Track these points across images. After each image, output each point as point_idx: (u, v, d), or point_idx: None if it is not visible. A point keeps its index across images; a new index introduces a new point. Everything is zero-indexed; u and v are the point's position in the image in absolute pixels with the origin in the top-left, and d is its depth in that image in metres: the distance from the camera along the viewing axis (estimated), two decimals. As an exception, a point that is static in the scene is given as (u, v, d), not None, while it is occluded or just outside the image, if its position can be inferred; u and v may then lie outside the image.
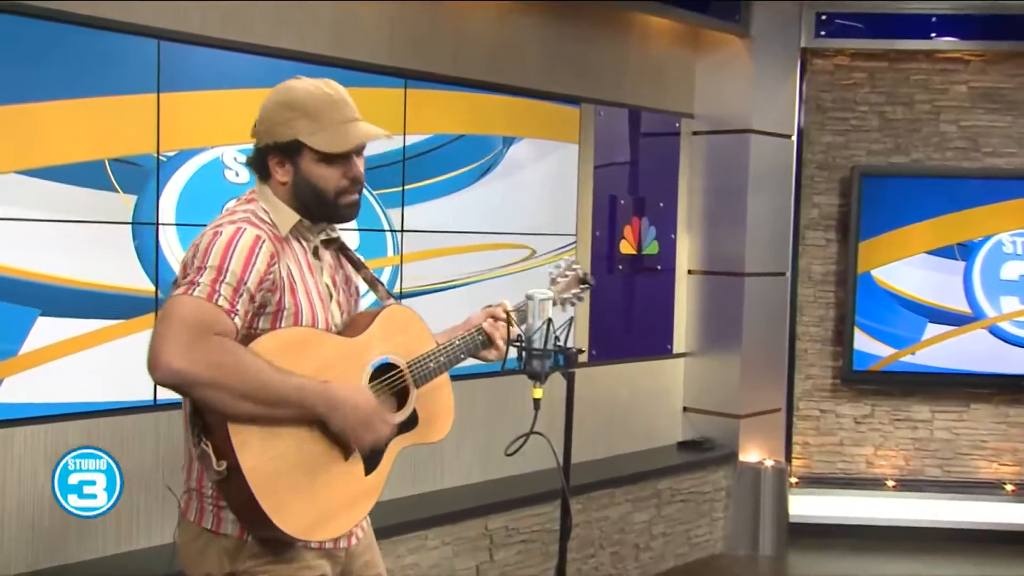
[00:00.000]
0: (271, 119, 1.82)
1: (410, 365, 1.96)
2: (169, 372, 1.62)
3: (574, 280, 2.28)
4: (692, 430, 4.98)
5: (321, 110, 1.80)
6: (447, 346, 2.02)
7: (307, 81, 1.86)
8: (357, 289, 2.05)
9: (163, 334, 1.63)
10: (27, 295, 2.85)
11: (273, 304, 1.79)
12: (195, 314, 1.65)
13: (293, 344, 1.78)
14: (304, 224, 1.87)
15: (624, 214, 4.68)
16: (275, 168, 1.83)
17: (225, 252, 1.71)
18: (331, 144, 1.81)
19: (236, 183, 3.29)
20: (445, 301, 3.90)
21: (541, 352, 1.97)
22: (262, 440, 1.70)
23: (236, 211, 1.84)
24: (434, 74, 3.86)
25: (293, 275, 1.82)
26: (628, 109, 4.64)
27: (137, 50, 3.05)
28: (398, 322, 1.97)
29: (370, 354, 1.89)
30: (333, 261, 1.97)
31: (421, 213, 3.86)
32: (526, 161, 4.23)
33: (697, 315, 4.98)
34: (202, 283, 1.68)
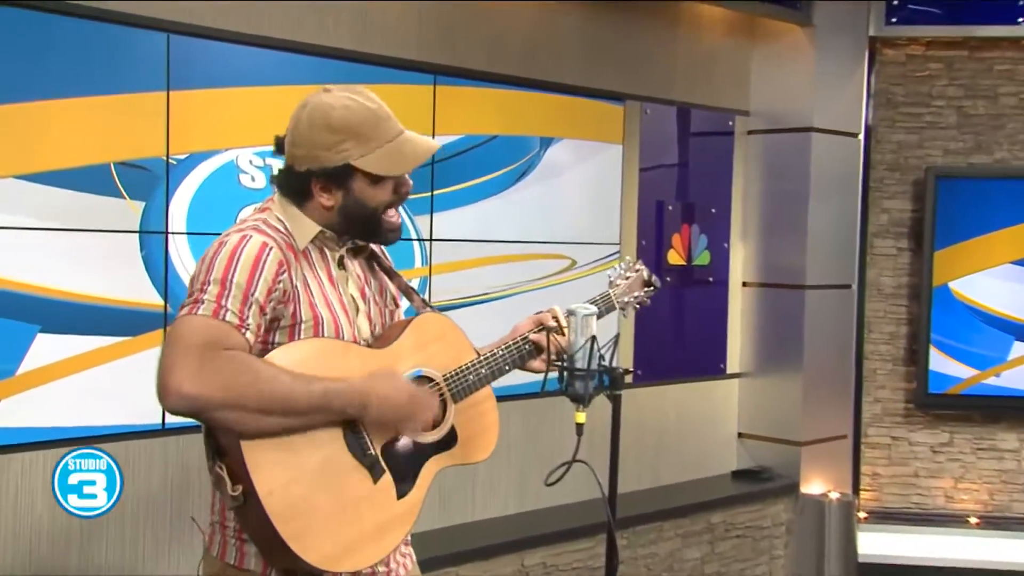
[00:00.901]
0: (313, 143, 1.81)
1: (447, 378, 1.95)
2: (180, 398, 1.62)
3: (638, 282, 2.27)
4: (748, 458, 4.96)
5: (369, 130, 1.82)
6: (489, 357, 2.02)
7: (340, 96, 1.84)
8: (394, 299, 2.04)
9: (170, 359, 1.64)
10: (25, 310, 2.85)
11: (288, 317, 1.78)
12: (202, 334, 1.65)
13: (311, 356, 1.77)
14: (326, 234, 1.86)
15: (672, 221, 4.65)
16: (319, 193, 1.84)
17: (229, 263, 1.71)
18: (388, 166, 1.84)
19: (252, 188, 3.28)
20: (477, 316, 3.88)
21: (584, 372, 1.93)
22: (280, 461, 1.70)
23: (246, 220, 1.85)
24: (465, 69, 3.85)
25: (310, 285, 1.82)
26: (677, 106, 4.62)
27: (145, 44, 3.05)
28: (432, 331, 1.97)
29: (400, 366, 1.88)
30: (362, 271, 1.97)
31: (451, 221, 3.84)
32: (565, 164, 4.21)
33: (753, 332, 4.95)
34: (207, 300, 1.68)
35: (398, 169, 1.84)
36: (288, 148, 1.86)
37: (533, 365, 2.09)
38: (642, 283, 2.28)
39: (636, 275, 2.28)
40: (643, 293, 2.28)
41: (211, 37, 3.18)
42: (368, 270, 1.99)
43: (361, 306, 1.91)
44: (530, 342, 2.06)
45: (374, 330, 1.93)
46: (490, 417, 2.03)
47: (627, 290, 2.26)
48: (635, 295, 2.27)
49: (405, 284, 2.07)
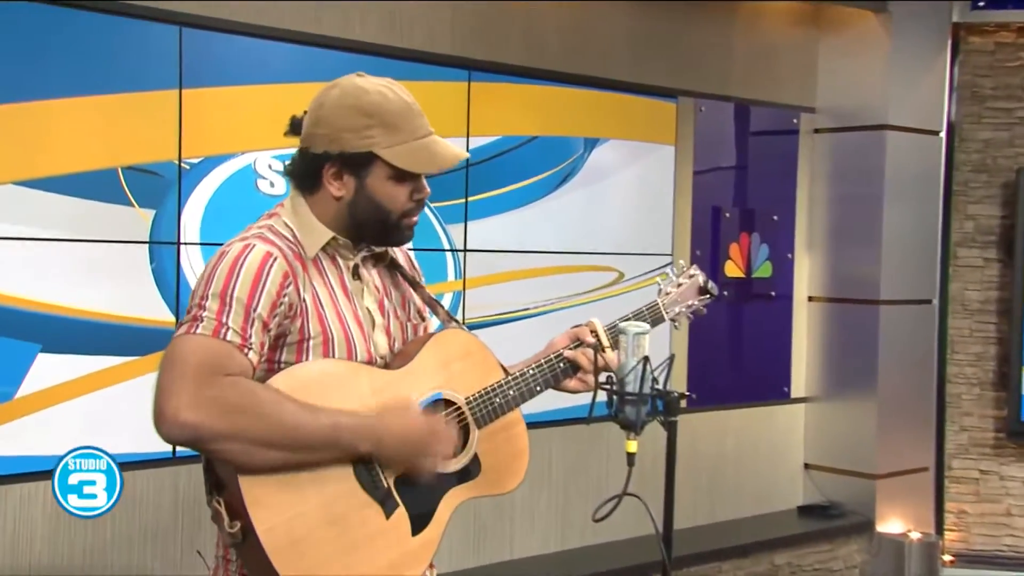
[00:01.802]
0: (338, 124, 1.80)
1: (470, 401, 1.92)
2: (177, 426, 1.60)
3: (691, 289, 2.22)
4: (816, 492, 4.90)
5: (401, 121, 1.81)
6: (518, 377, 1.98)
7: (375, 82, 1.85)
8: (420, 312, 2.01)
9: (167, 383, 1.62)
10: (25, 328, 2.86)
11: (295, 333, 1.76)
12: (201, 355, 1.64)
13: (317, 380, 1.75)
14: (339, 241, 1.85)
15: (730, 229, 4.62)
16: (330, 180, 1.82)
17: (229, 276, 1.70)
18: (414, 162, 1.82)
19: (271, 194, 3.28)
20: (514, 334, 3.86)
21: (636, 397, 1.88)
22: (282, 495, 1.68)
23: (251, 227, 1.84)
24: (503, 64, 3.84)
25: (320, 298, 1.80)
26: (735, 103, 4.59)
27: (155, 39, 3.06)
28: (455, 348, 1.94)
29: (417, 388, 1.85)
30: (382, 281, 1.95)
31: (487, 229, 3.83)
32: (612, 167, 4.19)
33: (820, 352, 4.90)
34: (206, 317, 1.67)
35: (422, 167, 1.82)
36: (307, 128, 1.84)
37: (569, 385, 2.06)
38: (697, 290, 2.22)
39: (690, 281, 2.22)
40: (698, 302, 2.22)
41: (227, 31, 3.19)
42: (389, 280, 1.97)
43: (378, 320, 1.89)
44: (565, 359, 2.03)
45: (393, 346, 1.91)
46: (519, 443, 2.00)
47: (679, 299, 2.21)
48: (688, 304, 2.21)
49: (429, 296, 2.04)
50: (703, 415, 4.47)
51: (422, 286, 2.04)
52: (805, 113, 4.84)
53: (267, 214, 1.88)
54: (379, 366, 1.86)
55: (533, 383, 1.99)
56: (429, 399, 1.86)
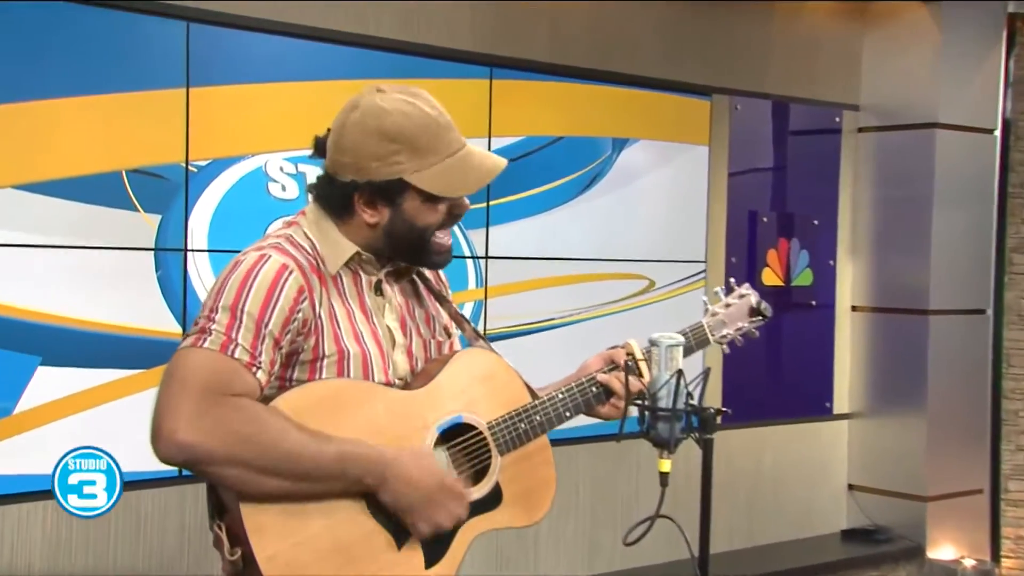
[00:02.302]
0: (362, 152, 1.79)
1: (492, 426, 1.90)
2: (174, 446, 1.60)
3: (742, 309, 2.22)
4: (861, 515, 4.86)
5: (428, 141, 1.79)
6: (545, 401, 1.97)
7: (396, 98, 1.81)
8: (445, 330, 2.00)
9: (167, 400, 1.62)
10: (24, 339, 2.86)
11: (309, 351, 1.76)
12: (206, 372, 1.63)
13: (328, 401, 1.74)
14: (363, 256, 1.84)
15: (768, 235, 4.61)
16: (363, 208, 1.82)
17: (241, 288, 1.69)
18: (447, 186, 1.81)
19: (283, 199, 3.29)
20: (538, 346, 3.86)
21: (670, 413, 1.86)
22: (285, 522, 1.67)
23: (269, 236, 1.83)
24: (526, 61, 3.84)
25: (337, 315, 1.79)
26: (773, 100, 4.58)
27: (161, 34, 3.07)
28: (478, 369, 1.93)
29: (437, 411, 1.84)
30: (406, 298, 1.94)
31: (510, 235, 3.82)
32: (642, 168, 4.18)
33: (865, 365, 4.87)
34: (215, 331, 1.66)
35: (457, 189, 1.82)
36: (331, 154, 1.82)
37: (602, 411, 2.05)
38: (748, 311, 2.22)
39: (740, 302, 2.22)
40: (749, 324, 2.22)
41: (236, 26, 3.20)
42: (412, 296, 1.96)
43: (399, 339, 1.88)
44: (597, 383, 2.01)
45: (414, 367, 1.90)
46: (543, 472, 1.98)
47: (727, 320, 2.20)
48: (738, 326, 2.21)
49: (456, 312, 2.03)
50: (740, 432, 4.44)
51: (449, 301, 2.02)
52: (848, 111, 4.81)
53: (286, 222, 1.87)
54: (398, 387, 1.84)
55: (562, 408, 1.97)
56: (448, 422, 1.84)
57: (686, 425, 1.88)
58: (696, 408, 1.89)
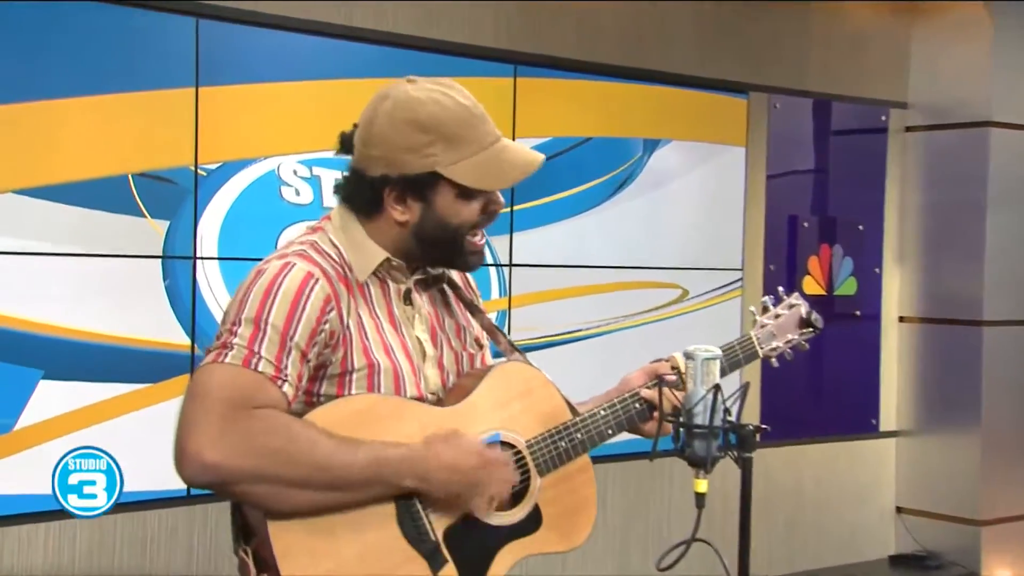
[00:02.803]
0: (394, 143, 1.78)
1: (531, 444, 1.90)
2: (200, 467, 1.60)
3: (792, 321, 2.19)
4: (910, 539, 4.83)
5: (464, 132, 1.79)
6: (587, 418, 1.96)
7: (429, 89, 1.82)
8: (477, 341, 1.99)
9: (189, 419, 1.62)
10: (26, 352, 2.88)
11: (336, 364, 1.75)
12: (229, 388, 1.63)
13: (360, 417, 1.73)
14: (392, 263, 1.84)
15: (809, 241, 4.60)
16: (392, 205, 1.81)
17: (265, 298, 1.69)
18: (483, 179, 1.81)
19: (296, 203, 3.30)
20: (565, 358, 3.85)
21: (706, 430, 1.85)
22: (315, 544, 1.67)
23: (293, 242, 1.82)
24: (552, 58, 3.84)
25: (365, 326, 1.78)
26: (814, 98, 4.57)
27: (169, 32, 3.09)
28: (516, 384, 1.92)
29: (473, 429, 1.82)
30: (435, 307, 1.94)
31: (535, 242, 3.82)
32: (675, 171, 4.17)
33: (914, 379, 4.86)
34: (236, 344, 1.66)
35: (494, 183, 1.81)
36: (360, 148, 1.82)
37: (645, 428, 2.03)
38: (798, 322, 2.18)
39: (790, 312, 2.19)
40: (799, 336, 2.19)
41: (247, 22, 3.21)
42: (442, 305, 1.96)
43: (430, 351, 1.87)
44: (641, 399, 2.00)
45: (446, 381, 1.89)
46: (584, 493, 1.97)
47: (777, 331, 2.17)
48: (788, 338, 2.18)
49: (489, 322, 2.02)
50: (779, 450, 4.43)
51: (481, 310, 2.02)
52: (895, 109, 4.80)
53: (311, 228, 1.87)
54: (430, 403, 1.84)
55: (604, 425, 1.96)
56: (485, 441, 1.83)
57: (723, 443, 1.86)
58: (734, 425, 1.86)
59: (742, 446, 1.87)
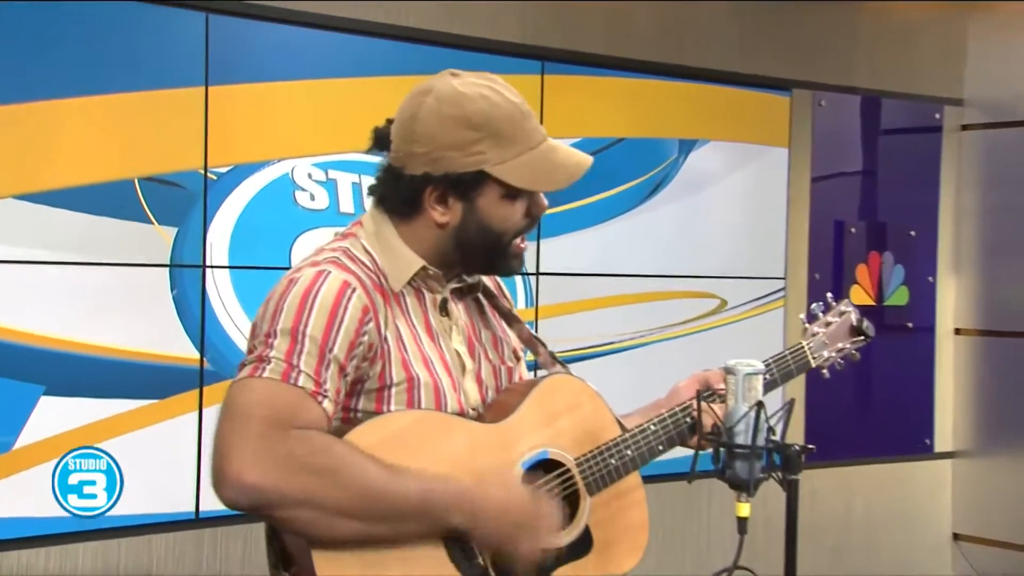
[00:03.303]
0: (439, 140, 1.79)
1: (580, 462, 1.90)
2: (240, 489, 1.59)
3: (843, 329, 2.23)
4: (968, 568, 4.81)
5: (513, 130, 1.80)
6: (637, 433, 1.97)
7: (475, 83, 1.83)
8: (514, 354, 2.01)
9: (227, 437, 1.61)
10: (26, 367, 2.89)
11: (374, 378, 1.75)
12: (268, 405, 1.63)
13: (407, 435, 1.73)
14: (429, 271, 1.85)
15: (856, 247, 4.59)
16: (432, 205, 1.82)
17: (300, 309, 1.69)
18: (533, 179, 1.82)
19: (312, 209, 3.31)
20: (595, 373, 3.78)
21: (749, 450, 1.85)
22: (362, 573, 1.67)
23: (324, 249, 1.83)
24: (582, 54, 3.84)
25: (403, 337, 1.79)
26: (862, 95, 4.56)
27: (177, 27, 3.10)
28: (563, 398, 1.94)
29: (520, 446, 1.84)
30: (471, 318, 1.95)
31: (564, 249, 3.82)
32: (713, 173, 4.17)
33: (971, 396, 4.84)
34: (274, 358, 1.66)
35: (543, 183, 1.83)
36: (399, 145, 1.83)
37: (692, 442, 2.04)
38: (849, 331, 2.23)
39: (840, 320, 2.23)
40: (850, 345, 2.23)
41: (260, 17, 3.22)
42: (478, 315, 1.98)
43: (468, 364, 1.89)
44: (692, 413, 2.02)
45: (485, 396, 1.91)
46: (636, 513, 1.99)
47: (828, 341, 2.21)
48: (839, 347, 2.21)
49: (529, 333, 2.04)
50: (826, 472, 4.41)
51: (519, 320, 2.03)
52: (950, 106, 4.78)
53: (342, 234, 1.88)
54: (471, 418, 1.85)
55: (655, 441, 1.98)
56: (533, 459, 1.84)
57: (767, 464, 1.87)
58: (778, 445, 1.87)
59: (787, 467, 1.87)
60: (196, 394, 3.11)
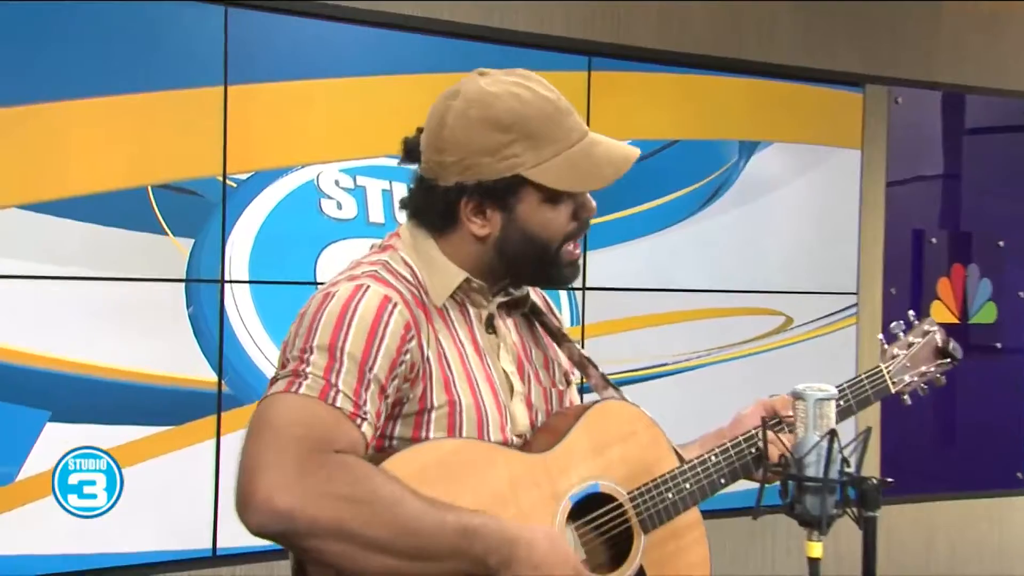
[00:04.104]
0: (469, 146, 1.79)
1: (634, 496, 1.90)
2: (270, 513, 1.58)
3: (926, 351, 2.21)
4: (1067, 616, 4.75)
5: (547, 128, 1.80)
6: (696, 465, 1.97)
7: (505, 81, 1.83)
8: (566, 376, 2.01)
9: (257, 455, 1.60)
10: (30, 390, 2.91)
11: (415, 401, 1.76)
12: (306, 425, 1.62)
13: (445, 465, 1.73)
14: (472, 284, 1.85)
15: (938, 260, 4.58)
16: (470, 217, 1.83)
17: (339, 324, 1.69)
18: (574, 179, 1.82)
19: (338, 218, 3.32)
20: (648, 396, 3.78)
21: (820, 483, 1.83)
22: None
23: (361, 262, 1.83)
24: (633, 48, 3.85)
25: (447, 356, 1.80)
26: (943, 91, 4.54)
27: (194, 21, 3.13)
28: (615, 426, 1.93)
29: (568, 478, 1.83)
30: (521, 336, 1.95)
31: (613, 262, 3.83)
32: (777, 178, 4.17)
33: None
34: (311, 374, 1.65)
35: (586, 183, 1.82)
36: (428, 155, 1.83)
37: (757, 475, 2.02)
38: (934, 352, 2.21)
39: (924, 340, 2.21)
40: (935, 368, 2.20)
41: (283, 11, 3.24)
42: (528, 333, 1.98)
43: (518, 386, 1.89)
44: (758, 441, 2.01)
45: (535, 421, 1.90)
46: (696, 553, 1.98)
47: (910, 364, 2.19)
48: (922, 371, 2.19)
49: (580, 354, 2.03)
50: (905, 508, 4.41)
51: (569, 340, 2.02)
52: (1043, 103, 4.74)
53: (379, 246, 1.88)
54: (516, 446, 1.85)
55: (716, 474, 1.97)
56: (582, 492, 1.84)
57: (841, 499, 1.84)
58: (854, 478, 1.84)
59: (864, 503, 1.84)
60: (214, 420, 3.12)
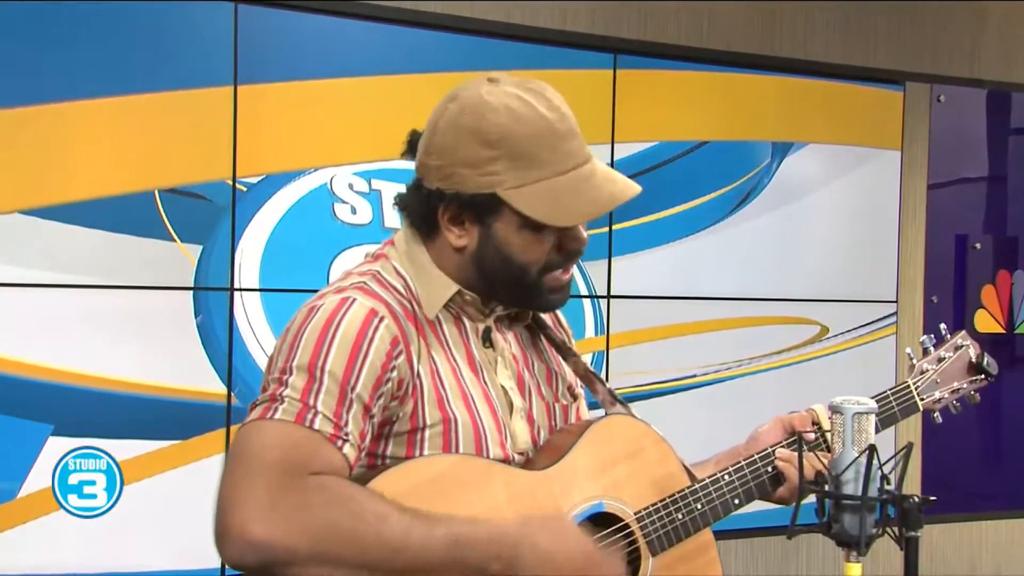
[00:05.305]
0: (453, 154, 1.79)
1: (641, 516, 1.89)
2: (246, 546, 1.58)
3: (959, 366, 2.20)
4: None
5: (536, 150, 1.78)
6: (708, 485, 1.96)
7: (508, 93, 1.81)
8: (570, 390, 2.00)
9: (234, 488, 1.61)
10: (32, 403, 2.92)
11: (405, 420, 1.75)
12: (280, 450, 1.63)
13: (437, 484, 1.73)
14: (466, 297, 1.85)
15: (981, 265, 4.57)
16: (448, 225, 1.82)
17: (320, 342, 1.69)
18: (548, 211, 1.78)
19: (353, 224, 3.33)
20: (675, 410, 3.84)
21: (859, 502, 1.82)
22: None
23: (351, 273, 1.83)
24: (660, 45, 3.85)
25: (440, 372, 1.79)
26: (988, 89, 4.53)
27: (203, 19, 3.14)
28: (621, 442, 1.92)
29: (571, 497, 1.83)
30: (523, 349, 1.95)
31: (639, 269, 3.82)
32: (812, 181, 4.16)
33: None
34: (288, 397, 1.66)
35: (560, 217, 1.78)
36: (419, 153, 1.84)
37: (781, 494, 2.02)
38: (967, 368, 2.19)
39: (956, 355, 2.20)
40: (968, 385, 2.20)
41: (295, 7, 3.25)
42: (530, 346, 1.97)
43: (518, 402, 1.88)
44: (775, 462, 2.01)
45: (537, 438, 1.90)
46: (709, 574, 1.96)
47: (941, 379, 2.18)
48: (954, 387, 2.19)
49: (586, 368, 2.02)
50: (948, 527, 4.42)
51: (575, 353, 2.01)
52: (1093, 102, 4.72)
53: (373, 255, 1.88)
54: (517, 464, 1.84)
55: (730, 493, 1.97)
56: (586, 512, 1.84)
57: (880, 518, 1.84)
58: (894, 496, 1.84)
59: (905, 522, 1.83)
60: (223, 434, 3.14)
